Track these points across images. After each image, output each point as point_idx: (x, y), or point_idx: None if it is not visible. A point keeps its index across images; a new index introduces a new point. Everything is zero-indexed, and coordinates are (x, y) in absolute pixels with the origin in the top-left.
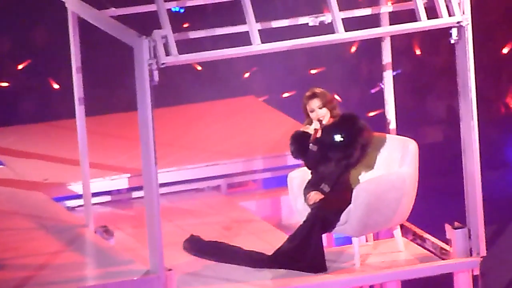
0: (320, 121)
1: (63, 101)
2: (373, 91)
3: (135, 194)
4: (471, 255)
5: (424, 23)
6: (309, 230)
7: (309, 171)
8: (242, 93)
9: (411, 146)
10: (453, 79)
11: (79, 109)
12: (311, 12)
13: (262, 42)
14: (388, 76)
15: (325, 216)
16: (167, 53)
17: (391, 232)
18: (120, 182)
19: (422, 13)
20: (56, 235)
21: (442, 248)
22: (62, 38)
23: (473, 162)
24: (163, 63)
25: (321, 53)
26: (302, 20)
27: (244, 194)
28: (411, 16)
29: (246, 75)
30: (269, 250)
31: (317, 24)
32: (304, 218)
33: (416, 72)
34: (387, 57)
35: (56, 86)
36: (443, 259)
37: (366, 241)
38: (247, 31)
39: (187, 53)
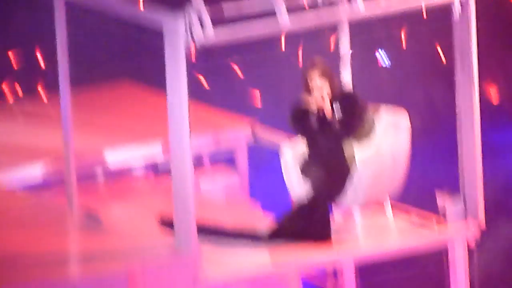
0: (322, 97)
1: None
2: None
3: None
4: (466, 221)
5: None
6: (316, 202)
7: (304, 145)
8: None
9: (404, 117)
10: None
11: (64, 86)
12: None
13: None
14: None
15: (330, 188)
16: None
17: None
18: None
19: None
20: (45, 223)
21: (425, 218)
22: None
23: (473, 126)
24: (200, 42)
25: None
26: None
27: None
28: None
29: None
30: (248, 226)
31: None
32: (301, 192)
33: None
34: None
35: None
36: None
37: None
38: None
39: None
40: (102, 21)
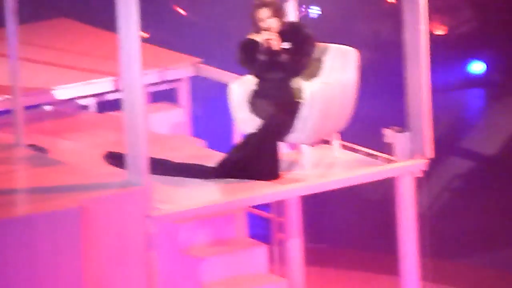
0: (270, 30)
1: None
2: None
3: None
4: (413, 158)
5: None
6: (265, 138)
7: (253, 81)
8: None
9: (352, 53)
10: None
11: (11, 21)
12: None
13: None
14: None
15: (279, 123)
16: None
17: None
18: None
19: None
20: None
21: (373, 155)
22: None
23: (420, 64)
24: None
25: None
26: None
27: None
28: None
29: None
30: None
31: None
32: (251, 128)
33: None
34: None
35: None
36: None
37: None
38: None
39: None
40: None
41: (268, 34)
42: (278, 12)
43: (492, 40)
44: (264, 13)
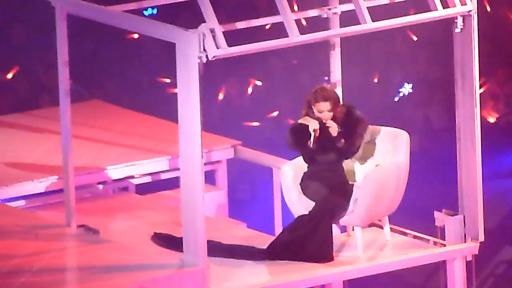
0: (320, 120)
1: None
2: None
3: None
4: (465, 241)
5: (438, 13)
6: (319, 220)
7: (305, 164)
8: None
9: (404, 137)
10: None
11: (64, 102)
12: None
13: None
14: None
15: (333, 206)
16: (216, 46)
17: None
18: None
19: (437, 1)
20: (46, 238)
21: (423, 239)
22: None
23: (473, 147)
24: (214, 56)
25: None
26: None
27: (156, 195)
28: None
29: None
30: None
31: (330, 16)
32: (303, 210)
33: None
34: (337, 65)
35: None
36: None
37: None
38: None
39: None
40: None
41: (321, 119)
42: (337, 104)
43: None
44: (325, 107)
